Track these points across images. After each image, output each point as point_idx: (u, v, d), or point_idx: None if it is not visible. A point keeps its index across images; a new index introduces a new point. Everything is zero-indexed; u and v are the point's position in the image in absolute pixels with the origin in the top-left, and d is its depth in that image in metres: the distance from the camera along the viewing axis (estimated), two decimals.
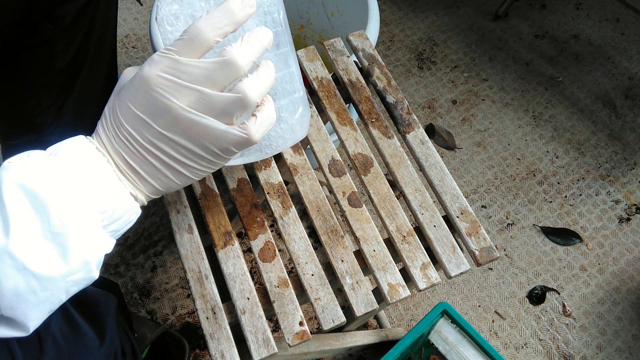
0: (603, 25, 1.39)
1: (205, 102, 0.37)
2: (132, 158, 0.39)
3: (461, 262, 0.54)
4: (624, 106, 1.24)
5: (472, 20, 1.39)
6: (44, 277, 0.34)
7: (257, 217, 0.55)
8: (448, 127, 1.20)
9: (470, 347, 0.74)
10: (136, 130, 0.38)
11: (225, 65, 0.37)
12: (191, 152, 0.39)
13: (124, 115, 0.38)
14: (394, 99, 0.65)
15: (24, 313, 0.34)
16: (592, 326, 0.96)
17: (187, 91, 0.37)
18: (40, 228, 0.34)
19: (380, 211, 0.57)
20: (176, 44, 0.37)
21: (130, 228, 0.49)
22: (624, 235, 1.06)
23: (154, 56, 0.37)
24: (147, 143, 0.39)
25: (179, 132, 0.38)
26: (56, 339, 0.49)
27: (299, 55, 0.68)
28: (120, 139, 0.39)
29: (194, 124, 0.38)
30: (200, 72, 0.37)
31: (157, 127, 0.38)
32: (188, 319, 0.94)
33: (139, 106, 0.38)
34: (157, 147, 0.39)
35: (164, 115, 0.37)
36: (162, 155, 0.39)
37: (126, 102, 0.38)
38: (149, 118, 0.38)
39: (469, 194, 1.11)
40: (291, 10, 1.09)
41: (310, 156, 0.96)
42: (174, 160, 0.39)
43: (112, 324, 0.56)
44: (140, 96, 0.37)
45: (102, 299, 0.57)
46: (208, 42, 0.37)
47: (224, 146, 0.40)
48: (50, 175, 0.35)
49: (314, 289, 0.52)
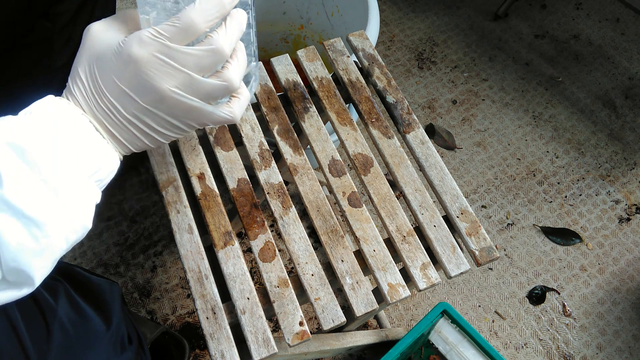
0: (603, 25, 1.39)
1: (193, 86, 0.40)
2: (113, 126, 0.41)
3: (461, 262, 0.54)
4: (624, 106, 1.24)
5: (472, 20, 1.39)
6: (43, 223, 0.34)
7: (257, 217, 0.55)
8: (448, 127, 1.20)
9: (470, 347, 0.74)
10: (120, 103, 0.40)
11: (213, 53, 0.39)
12: (173, 125, 0.42)
13: (107, 88, 0.39)
14: (394, 99, 0.65)
15: (29, 263, 0.35)
16: (592, 326, 0.96)
17: (178, 74, 0.39)
18: (33, 177, 0.35)
19: (380, 211, 0.57)
20: (167, 29, 0.38)
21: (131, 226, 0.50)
22: (624, 235, 1.06)
23: (143, 36, 0.38)
24: (130, 115, 0.40)
25: (164, 109, 0.40)
26: (63, 324, 0.50)
27: (299, 55, 0.68)
28: (102, 107, 0.40)
29: (181, 104, 0.40)
30: (192, 59, 0.39)
31: (142, 103, 0.40)
32: (188, 319, 0.94)
33: (125, 82, 0.39)
34: (139, 120, 0.41)
35: (151, 94, 0.39)
36: (143, 127, 0.41)
37: (111, 76, 0.39)
38: (135, 94, 0.39)
39: (469, 194, 1.11)
40: (291, 10, 1.09)
41: (310, 156, 0.96)
42: (153, 131, 0.42)
43: (117, 310, 0.57)
44: (128, 73, 0.39)
45: (107, 287, 0.58)
46: (199, 32, 0.39)
47: (206, 123, 0.43)
48: (33, 130, 0.36)
49: (314, 289, 0.52)
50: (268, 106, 0.63)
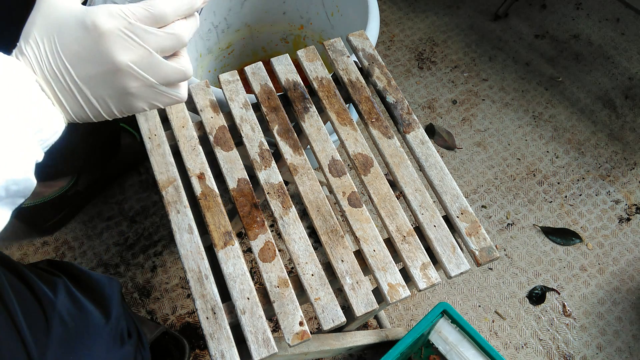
0: (603, 25, 1.39)
1: (151, 64, 0.41)
2: (61, 90, 0.41)
3: (461, 262, 0.54)
4: (624, 106, 1.24)
5: (472, 20, 1.39)
6: None
7: (257, 217, 0.56)
8: (448, 127, 1.20)
9: (470, 347, 0.74)
10: (74, 67, 0.40)
11: (176, 39, 0.42)
12: (119, 101, 0.43)
13: (64, 51, 0.40)
14: (394, 99, 0.65)
15: None
16: (592, 326, 0.96)
17: (138, 50, 0.40)
18: None
19: (380, 211, 0.57)
20: (139, 12, 0.39)
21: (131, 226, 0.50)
22: (624, 235, 1.06)
23: (112, 10, 0.39)
24: (81, 81, 0.41)
25: (116, 82, 0.41)
26: (63, 318, 0.50)
27: (299, 55, 0.68)
28: (54, 70, 0.40)
29: (134, 79, 0.41)
30: (154, 38, 0.41)
31: (96, 71, 0.40)
32: (188, 319, 0.94)
33: (83, 49, 0.40)
34: (89, 88, 0.41)
35: (108, 64, 0.40)
36: (90, 96, 0.42)
37: (70, 40, 0.40)
38: (90, 62, 0.40)
39: (469, 194, 1.11)
40: (291, 10, 1.09)
41: (310, 156, 0.96)
42: (99, 102, 0.42)
43: (117, 305, 0.57)
44: (89, 41, 0.39)
45: (106, 283, 0.59)
46: (166, 23, 0.41)
47: (154, 103, 0.44)
48: None
49: (314, 289, 0.52)
50: (268, 106, 0.63)
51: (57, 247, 1.01)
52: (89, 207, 1.05)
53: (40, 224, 0.99)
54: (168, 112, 0.63)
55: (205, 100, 0.64)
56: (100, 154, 0.98)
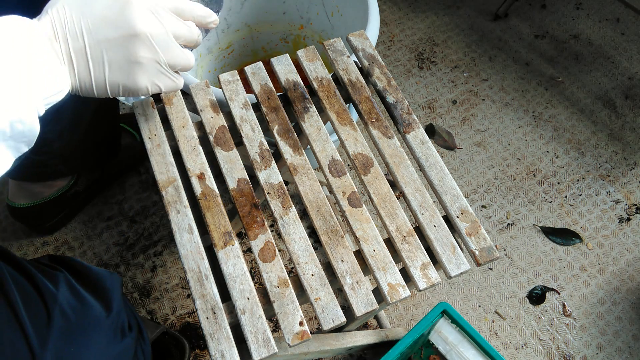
0: (603, 25, 1.39)
1: (165, 44, 0.46)
2: (76, 51, 0.44)
3: (461, 262, 0.54)
4: (624, 106, 1.24)
5: (472, 20, 1.39)
6: None
7: (257, 217, 0.56)
8: (448, 127, 1.20)
9: (470, 347, 0.74)
10: (97, 29, 0.44)
11: (189, 31, 0.48)
12: (126, 70, 0.46)
13: (91, 15, 0.44)
14: (394, 99, 0.65)
15: None
16: (592, 326, 0.96)
17: (158, 27, 0.45)
18: None
19: (380, 211, 0.57)
20: (169, 2, 0.47)
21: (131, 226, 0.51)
22: (624, 235, 1.06)
23: None
24: (99, 43, 0.44)
25: (130, 49, 0.45)
26: (64, 310, 0.51)
27: (299, 55, 0.68)
28: (75, 30, 0.43)
29: (147, 49, 0.45)
30: (173, 23, 0.47)
31: (116, 33, 0.44)
32: (188, 319, 0.94)
33: (111, 14, 0.44)
34: (104, 50, 0.44)
35: (129, 29, 0.44)
36: (103, 58, 0.45)
37: (101, 7, 0.44)
38: (113, 24, 0.44)
39: (469, 194, 1.11)
40: (291, 10, 1.09)
41: (310, 156, 0.96)
42: (109, 67, 0.45)
43: (118, 298, 0.58)
44: (117, 7, 0.44)
45: (107, 276, 0.60)
46: (185, 17, 0.48)
47: (155, 82, 0.48)
48: None
49: (314, 289, 0.52)
50: (268, 106, 0.63)
51: (57, 247, 1.01)
52: (89, 207, 1.05)
53: (40, 224, 0.99)
54: (168, 112, 0.63)
55: (205, 100, 0.64)
56: (100, 154, 0.98)
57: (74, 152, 0.89)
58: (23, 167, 0.88)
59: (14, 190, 0.94)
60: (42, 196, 0.94)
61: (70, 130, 0.83)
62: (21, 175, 0.90)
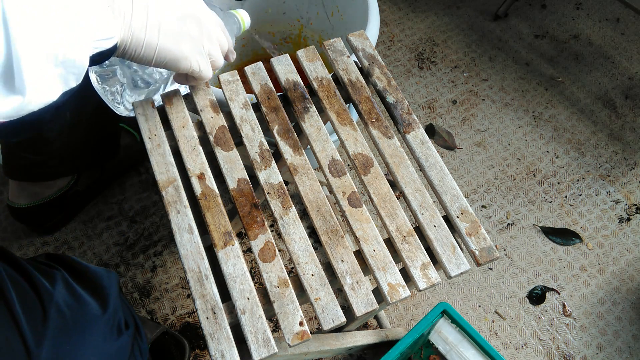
0: (603, 25, 1.39)
1: (211, 42, 0.54)
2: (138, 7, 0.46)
3: (461, 262, 0.54)
4: (624, 106, 1.24)
5: (472, 20, 1.39)
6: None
7: (257, 217, 0.56)
8: (448, 127, 1.20)
9: (470, 347, 0.74)
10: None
11: (219, 57, 0.57)
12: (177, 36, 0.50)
13: None
14: (394, 99, 0.64)
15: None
16: (592, 326, 0.96)
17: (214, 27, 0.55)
18: None
19: (380, 211, 0.57)
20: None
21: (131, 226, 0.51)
22: (624, 235, 1.06)
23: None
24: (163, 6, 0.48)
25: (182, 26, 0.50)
26: (60, 308, 0.51)
27: (299, 55, 0.68)
28: None
29: (197, 34, 0.52)
30: (222, 38, 0.57)
31: (182, 9, 0.50)
32: (188, 319, 0.94)
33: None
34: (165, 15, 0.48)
35: (194, 9, 0.51)
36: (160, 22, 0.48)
37: None
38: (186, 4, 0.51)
39: (469, 194, 1.11)
40: (291, 10, 1.09)
41: (310, 156, 0.96)
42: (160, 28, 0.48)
43: (114, 296, 0.58)
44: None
45: (104, 275, 0.60)
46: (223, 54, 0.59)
47: (192, 61, 0.53)
48: None
49: (314, 289, 0.52)
50: (268, 106, 0.63)
51: (57, 247, 1.01)
52: (89, 207, 1.05)
53: (40, 224, 0.99)
54: (168, 112, 0.63)
55: (205, 100, 0.64)
56: (100, 154, 0.98)
57: (74, 152, 0.89)
58: (23, 167, 0.88)
59: (14, 191, 0.94)
60: (42, 196, 0.94)
61: (70, 130, 0.83)
62: (21, 175, 0.90)
